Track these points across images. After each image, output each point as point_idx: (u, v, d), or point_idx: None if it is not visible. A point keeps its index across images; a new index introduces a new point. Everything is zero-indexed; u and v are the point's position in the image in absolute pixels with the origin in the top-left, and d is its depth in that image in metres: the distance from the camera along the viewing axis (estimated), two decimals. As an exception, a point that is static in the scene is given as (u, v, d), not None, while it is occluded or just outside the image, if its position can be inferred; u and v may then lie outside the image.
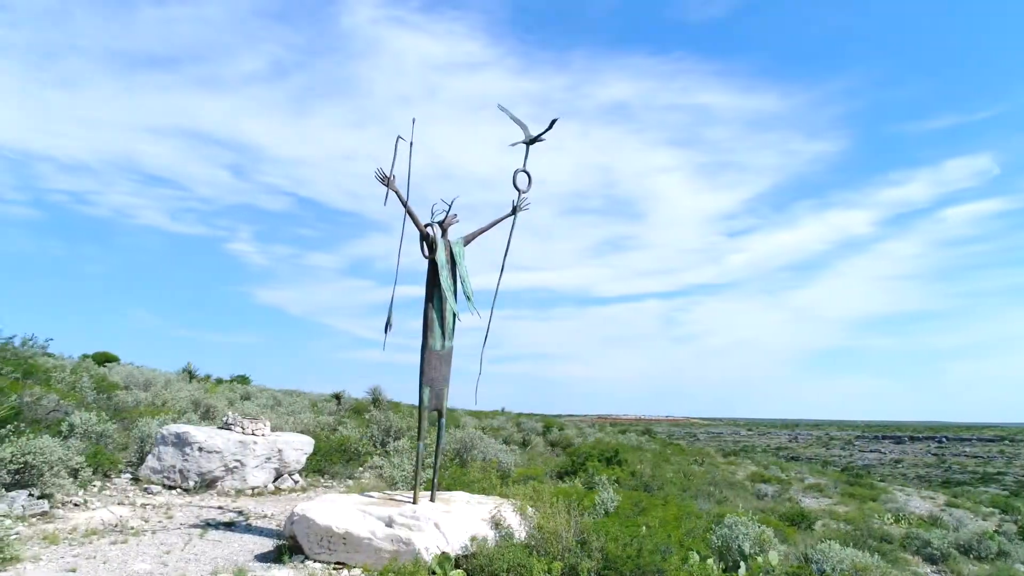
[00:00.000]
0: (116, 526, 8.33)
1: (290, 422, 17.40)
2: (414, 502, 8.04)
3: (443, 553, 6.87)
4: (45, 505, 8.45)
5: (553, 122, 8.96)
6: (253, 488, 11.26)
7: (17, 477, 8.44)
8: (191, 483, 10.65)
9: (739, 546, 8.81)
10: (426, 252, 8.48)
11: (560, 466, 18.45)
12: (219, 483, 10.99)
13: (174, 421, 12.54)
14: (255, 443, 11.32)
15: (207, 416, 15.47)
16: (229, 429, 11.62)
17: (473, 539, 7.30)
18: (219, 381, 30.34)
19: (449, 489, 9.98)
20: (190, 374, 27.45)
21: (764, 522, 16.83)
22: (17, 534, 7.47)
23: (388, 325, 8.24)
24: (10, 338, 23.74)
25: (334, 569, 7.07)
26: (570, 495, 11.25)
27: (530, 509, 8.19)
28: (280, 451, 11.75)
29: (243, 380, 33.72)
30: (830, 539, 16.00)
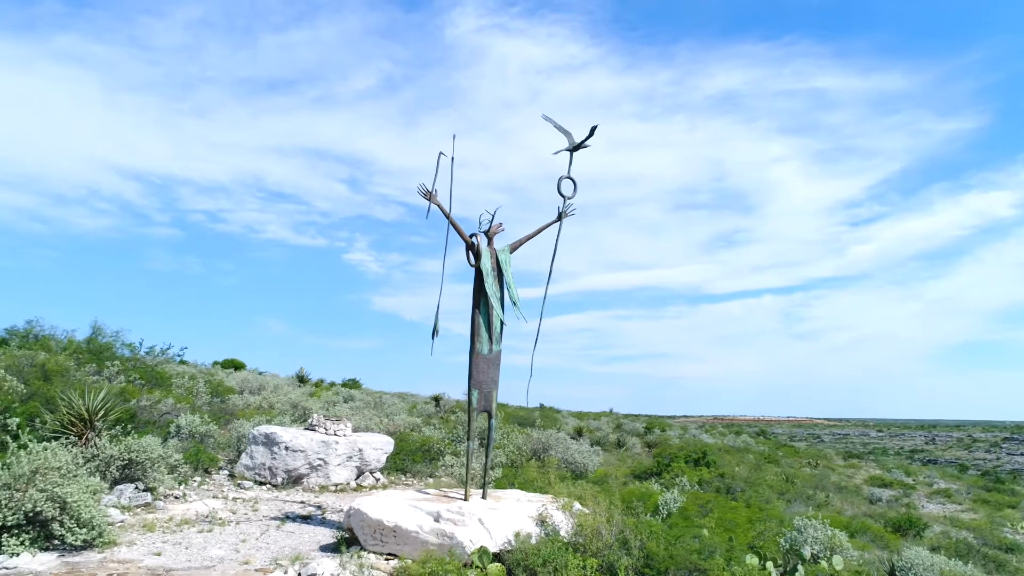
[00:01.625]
0: (207, 517, 9.27)
1: (384, 423, 18.39)
2: (465, 499, 8.44)
3: (482, 547, 7.21)
4: (148, 497, 9.54)
5: (594, 129, 9.12)
6: (336, 485, 12.09)
7: (126, 472, 9.59)
8: (279, 479, 11.60)
9: (799, 549, 8.58)
10: (472, 260, 8.88)
11: (646, 467, 18.36)
12: (305, 480, 11.90)
13: (268, 422, 13.64)
14: (336, 443, 12.16)
15: (304, 418, 16.62)
16: (313, 430, 12.54)
17: (517, 535, 7.59)
18: (331, 385, 32.33)
19: (521, 488, 10.35)
20: (301, 379, 29.45)
21: (864, 528, 16.05)
22: (122, 522, 8.54)
23: (435, 331, 8.68)
24: (151, 348, 26.50)
25: (385, 560, 7.58)
26: (636, 496, 11.33)
27: (577, 506, 8.41)
28: (360, 450, 12.54)
29: (353, 384, 35.69)
30: (937, 548, 15.04)
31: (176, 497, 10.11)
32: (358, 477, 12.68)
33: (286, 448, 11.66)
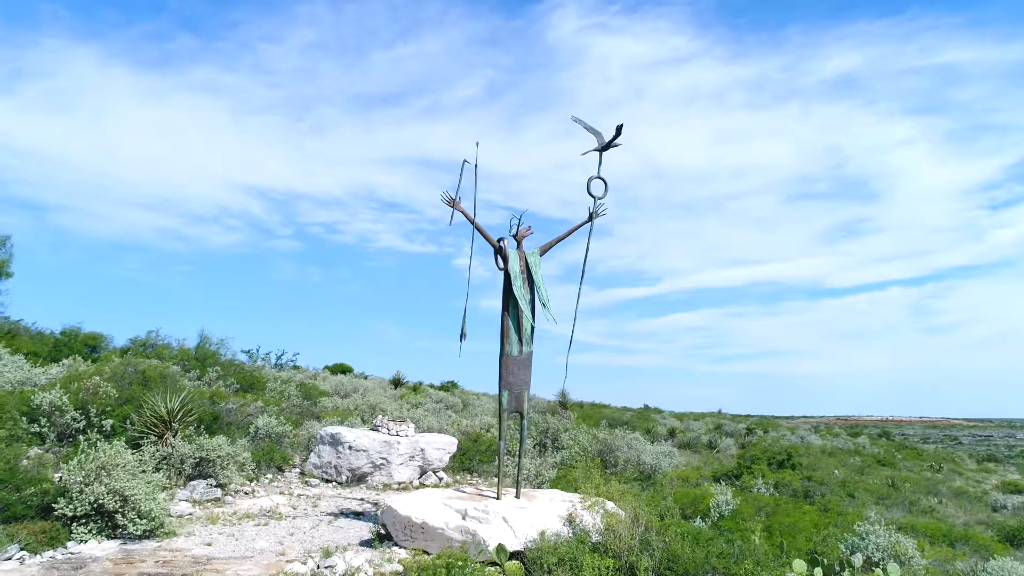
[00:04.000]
0: (268, 511, 9.95)
1: (463, 424, 18.90)
2: (497, 498, 8.61)
3: (499, 544, 7.35)
4: (219, 493, 10.35)
5: (620, 128, 9.07)
6: (399, 483, 12.59)
7: (198, 469, 10.47)
8: (343, 477, 12.23)
9: (846, 557, 8.13)
10: (500, 264, 9.04)
11: (728, 469, 17.78)
12: (368, 478, 12.47)
13: (340, 423, 14.38)
14: (399, 443, 12.66)
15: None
16: (377, 430, 13.11)
17: (542, 534, 7.67)
18: (428, 386, 33.37)
19: (565, 489, 10.41)
20: (396, 382, 30.59)
21: (967, 536, 14.80)
22: (190, 514, 9.34)
23: (463, 335, 8.92)
24: (267, 354, 28.47)
25: (414, 554, 7.87)
26: (689, 497, 11.07)
27: (611, 506, 8.36)
28: (423, 450, 12.98)
29: (451, 386, 36.65)
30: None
31: (246, 493, 10.90)
32: (421, 476, 13.13)
33: (350, 448, 12.28)
